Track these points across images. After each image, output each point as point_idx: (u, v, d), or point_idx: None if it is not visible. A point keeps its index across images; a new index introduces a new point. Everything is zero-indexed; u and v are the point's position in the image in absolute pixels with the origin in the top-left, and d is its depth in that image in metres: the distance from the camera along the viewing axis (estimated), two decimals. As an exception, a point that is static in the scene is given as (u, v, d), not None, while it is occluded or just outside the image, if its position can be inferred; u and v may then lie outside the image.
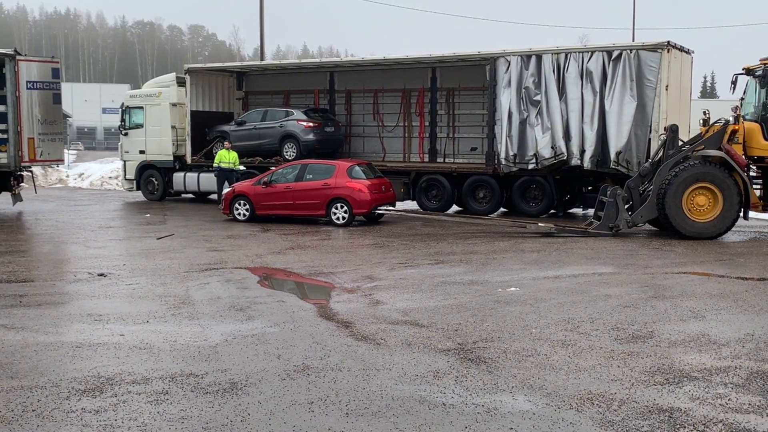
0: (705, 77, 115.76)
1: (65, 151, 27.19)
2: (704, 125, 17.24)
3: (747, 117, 17.05)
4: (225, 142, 23.78)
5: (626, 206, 16.64)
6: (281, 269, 12.95)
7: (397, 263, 13.35)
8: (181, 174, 25.40)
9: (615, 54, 19.26)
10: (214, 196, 24.44)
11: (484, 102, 22.05)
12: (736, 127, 16.56)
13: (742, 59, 19.19)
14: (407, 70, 24.55)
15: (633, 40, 37.21)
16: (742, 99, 17.50)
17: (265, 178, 19.60)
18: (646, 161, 18.02)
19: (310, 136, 23.18)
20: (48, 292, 10.78)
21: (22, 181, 22.12)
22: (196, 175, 24.93)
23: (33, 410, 5.94)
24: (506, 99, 20.52)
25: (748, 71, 17.27)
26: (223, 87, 27.41)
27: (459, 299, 10.16)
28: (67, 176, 35.82)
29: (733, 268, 12.79)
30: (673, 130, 17.07)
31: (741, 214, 16.27)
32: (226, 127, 25.01)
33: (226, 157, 23.14)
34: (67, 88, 43.24)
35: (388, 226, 18.93)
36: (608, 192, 16.74)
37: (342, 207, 18.66)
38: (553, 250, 14.64)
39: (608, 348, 7.69)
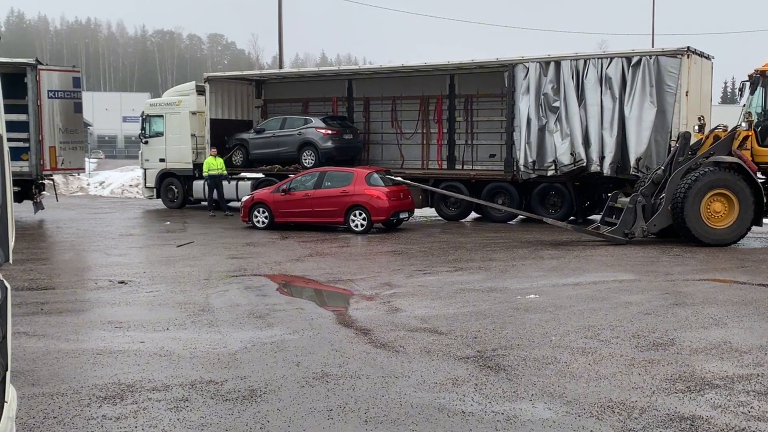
0: (725, 83, 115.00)
1: (86, 159, 27.43)
2: (700, 131, 17.19)
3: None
4: (211, 150, 23.94)
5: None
6: (300, 276, 12.96)
7: (415, 270, 13.34)
8: (201, 182, 25.53)
9: (634, 60, 19.20)
10: (234, 204, 24.53)
11: (503, 109, 22.04)
12: (750, 133, 16.49)
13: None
14: (425, 77, 24.56)
15: (652, 46, 36.96)
16: (744, 106, 17.55)
17: (284, 186, 19.67)
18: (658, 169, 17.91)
19: (329, 144, 23.24)
20: (69, 300, 10.86)
21: (44, 190, 22.32)
22: (215, 182, 25.02)
23: (54, 417, 5.97)
24: (525, 105, 20.48)
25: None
26: (242, 95, 27.55)
27: (478, 306, 10.13)
28: (88, 184, 36.10)
29: (754, 275, 12.67)
30: (685, 138, 17.00)
31: (758, 220, 16.18)
32: (245, 135, 25.14)
33: (213, 164, 23.29)
34: (87, 97, 43.65)
35: (406, 233, 18.92)
36: (629, 198, 16.66)
37: (360, 214, 18.68)
38: (573, 257, 14.57)
39: (629, 356, 7.63)
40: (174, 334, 8.69)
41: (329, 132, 23.36)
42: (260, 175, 24.60)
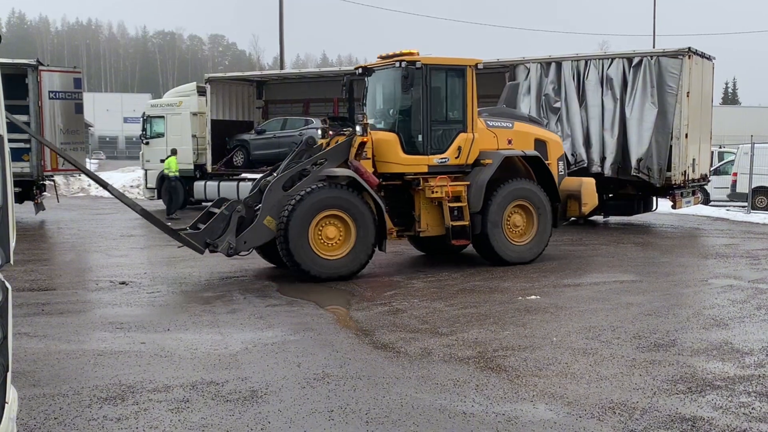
0: (727, 83, 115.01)
1: (87, 160, 27.47)
2: (324, 136, 13.88)
3: (379, 126, 13.96)
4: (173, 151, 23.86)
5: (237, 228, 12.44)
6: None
7: (416, 271, 13.33)
8: (202, 183, 25.57)
9: (635, 60, 19.21)
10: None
11: (504, 109, 22.01)
12: (366, 139, 13.17)
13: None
14: (426, 78, 24.52)
15: (654, 47, 37.02)
16: (364, 105, 14.68)
17: (285, 187, 19.62)
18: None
19: (330, 145, 23.20)
20: (70, 301, 10.85)
21: (45, 190, 22.34)
22: (216, 183, 25.06)
23: (55, 418, 5.97)
24: (526, 106, 20.48)
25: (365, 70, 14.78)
26: (243, 96, 27.57)
27: (479, 307, 10.13)
28: (89, 185, 36.10)
29: (756, 275, 12.67)
30: (308, 143, 13.58)
31: (380, 243, 12.83)
32: (246, 136, 25.16)
33: (176, 165, 23.11)
34: (89, 98, 43.66)
35: (407, 234, 18.88)
36: (228, 204, 12.81)
37: (361, 215, 18.63)
38: (574, 258, 14.57)
39: (630, 356, 7.63)
40: (175, 334, 8.69)
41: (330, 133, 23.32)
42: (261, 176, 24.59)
